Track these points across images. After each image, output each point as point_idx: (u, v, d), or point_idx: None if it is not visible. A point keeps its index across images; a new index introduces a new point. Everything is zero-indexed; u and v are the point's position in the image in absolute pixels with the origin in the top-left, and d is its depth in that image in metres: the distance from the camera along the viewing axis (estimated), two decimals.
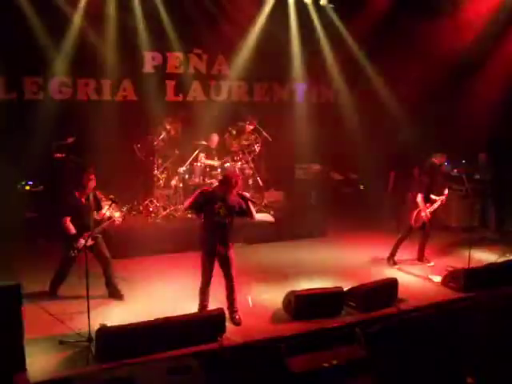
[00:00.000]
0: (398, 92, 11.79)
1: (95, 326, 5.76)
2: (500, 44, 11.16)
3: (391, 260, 8.67)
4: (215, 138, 10.37)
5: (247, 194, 6.61)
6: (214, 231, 6.35)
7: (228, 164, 10.14)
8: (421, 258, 8.81)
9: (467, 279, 7.49)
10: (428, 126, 11.31)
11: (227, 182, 6.39)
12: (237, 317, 6.48)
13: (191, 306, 6.47)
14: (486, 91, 10.82)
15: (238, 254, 6.65)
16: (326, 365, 6.00)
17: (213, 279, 6.50)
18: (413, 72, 11.12)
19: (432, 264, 8.70)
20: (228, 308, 6.49)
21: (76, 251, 6.73)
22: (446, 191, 8.61)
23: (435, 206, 8.60)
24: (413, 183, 9.14)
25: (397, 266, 8.56)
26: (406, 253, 8.83)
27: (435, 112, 11.59)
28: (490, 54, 11.14)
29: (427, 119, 11.56)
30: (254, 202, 6.66)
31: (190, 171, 10.00)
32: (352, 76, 12.28)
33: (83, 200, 6.93)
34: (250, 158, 10.52)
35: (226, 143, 10.69)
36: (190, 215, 9.30)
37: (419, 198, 8.44)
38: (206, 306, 6.47)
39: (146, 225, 9.44)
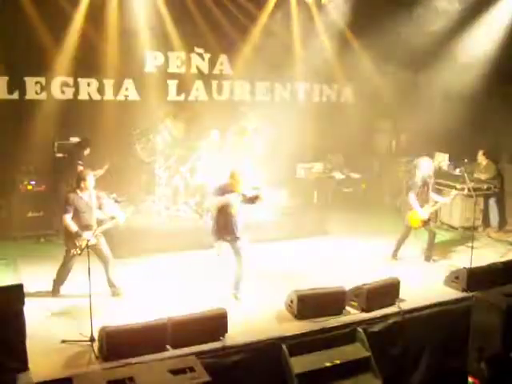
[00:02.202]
0: (399, 90, 11.77)
1: (97, 326, 5.77)
2: None
3: (395, 253, 8.77)
4: (215, 134, 10.38)
5: (249, 194, 6.97)
6: (226, 223, 6.91)
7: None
8: (428, 258, 8.77)
9: (469, 279, 7.47)
10: (429, 125, 11.28)
11: (233, 177, 6.93)
12: (238, 295, 7.02)
13: (194, 306, 6.46)
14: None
15: None
16: (328, 364, 6.03)
17: (213, 275, 6.82)
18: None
19: (439, 264, 8.65)
20: (232, 286, 7.04)
21: (78, 250, 6.69)
22: (453, 193, 8.59)
23: (436, 206, 8.59)
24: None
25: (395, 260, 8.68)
26: (409, 252, 8.84)
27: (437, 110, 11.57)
28: None
29: (428, 117, 11.52)
30: (257, 198, 7.09)
31: (193, 170, 10.01)
32: (354, 75, 12.25)
33: (85, 198, 6.94)
34: (251, 158, 10.49)
35: (227, 142, 10.68)
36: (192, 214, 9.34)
37: (411, 197, 8.46)
38: None
39: (149, 224, 9.43)
